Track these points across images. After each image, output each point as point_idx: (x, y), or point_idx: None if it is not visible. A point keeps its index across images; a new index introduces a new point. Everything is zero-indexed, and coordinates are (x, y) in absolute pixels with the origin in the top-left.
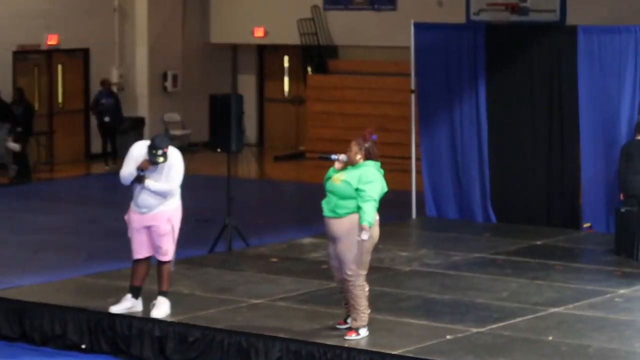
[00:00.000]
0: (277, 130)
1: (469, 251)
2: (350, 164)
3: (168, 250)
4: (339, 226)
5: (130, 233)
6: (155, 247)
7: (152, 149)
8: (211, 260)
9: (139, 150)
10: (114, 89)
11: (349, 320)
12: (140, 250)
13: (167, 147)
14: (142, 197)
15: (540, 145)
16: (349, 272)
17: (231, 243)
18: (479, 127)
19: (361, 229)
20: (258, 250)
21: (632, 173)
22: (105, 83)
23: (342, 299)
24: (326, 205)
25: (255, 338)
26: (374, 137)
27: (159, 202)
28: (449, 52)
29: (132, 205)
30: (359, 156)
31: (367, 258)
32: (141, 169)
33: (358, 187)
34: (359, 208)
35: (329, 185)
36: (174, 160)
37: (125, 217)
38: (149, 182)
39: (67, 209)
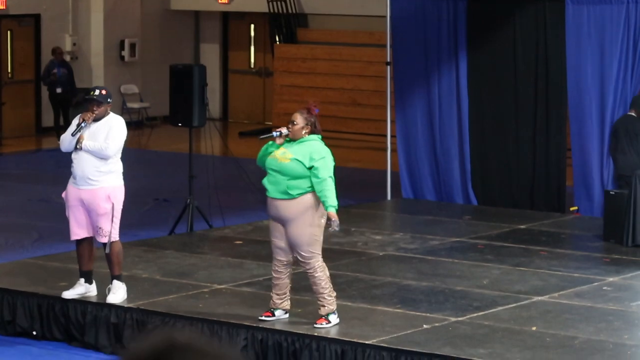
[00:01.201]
0: (242, 104)
1: (447, 235)
2: (292, 138)
3: (109, 232)
4: (292, 208)
5: (68, 212)
6: (95, 228)
7: (90, 92)
8: (171, 242)
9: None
10: (67, 58)
11: (277, 312)
12: (78, 231)
13: (105, 91)
14: (79, 166)
15: (524, 123)
16: (306, 255)
17: (193, 224)
18: (459, 103)
19: (327, 217)
20: (221, 232)
21: (620, 152)
22: (58, 52)
23: (275, 286)
24: (273, 187)
25: (219, 326)
26: (317, 110)
27: (98, 175)
28: (427, 22)
29: (70, 180)
30: (305, 130)
31: (322, 236)
32: (83, 120)
33: (312, 164)
34: (311, 187)
35: (272, 163)
36: (115, 122)
37: (63, 195)
38: (85, 143)
39: (15, 187)
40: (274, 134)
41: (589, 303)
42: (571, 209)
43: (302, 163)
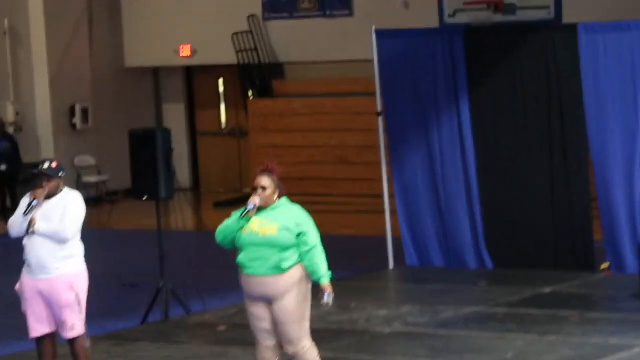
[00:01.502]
0: (214, 170)
1: (461, 305)
2: (262, 206)
3: (75, 325)
4: (283, 283)
5: (24, 305)
6: (59, 322)
7: (39, 165)
8: (144, 332)
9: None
10: (10, 130)
11: None
12: (38, 327)
13: (56, 163)
14: (34, 253)
15: (541, 171)
16: (296, 335)
17: (168, 310)
18: (464, 152)
19: (320, 289)
20: (201, 318)
21: None
22: None
23: None
24: (259, 262)
25: None
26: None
27: (56, 262)
28: (420, 63)
29: (24, 269)
30: (276, 195)
31: (309, 311)
32: (34, 198)
33: (299, 231)
34: (300, 258)
35: (252, 238)
36: (70, 199)
37: (16, 287)
38: (39, 225)
39: None
40: (249, 206)
41: None
42: (602, 266)
43: (291, 230)
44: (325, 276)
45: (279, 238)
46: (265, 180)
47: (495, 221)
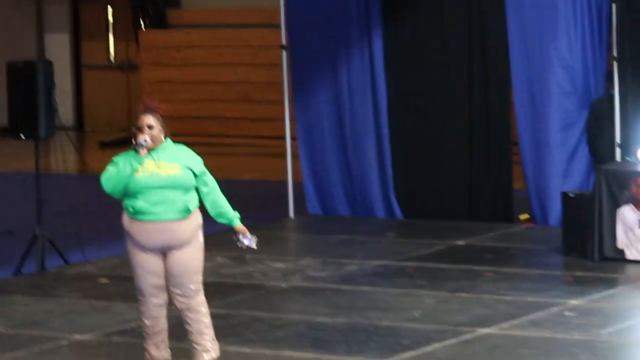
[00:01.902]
0: (101, 108)
1: (367, 258)
2: (151, 147)
3: None
4: (186, 228)
5: None
6: None
7: None
8: (17, 284)
9: None
10: None
11: None
12: None
13: None
14: None
15: (458, 113)
16: (194, 287)
17: (44, 261)
18: (375, 91)
19: (236, 232)
20: (82, 269)
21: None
22: None
23: (152, 335)
24: (165, 206)
25: None
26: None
27: None
28: None
29: None
30: (162, 135)
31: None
32: None
33: (201, 170)
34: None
35: (154, 180)
36: None
37: None
38: None
39: None
40: (142, 142)
41: (548, 333)
42: (521, 217)
43: (192, 170)
44: (236, 217)
45: (184, 178)
46: (150, 119)
47: (406, 166)
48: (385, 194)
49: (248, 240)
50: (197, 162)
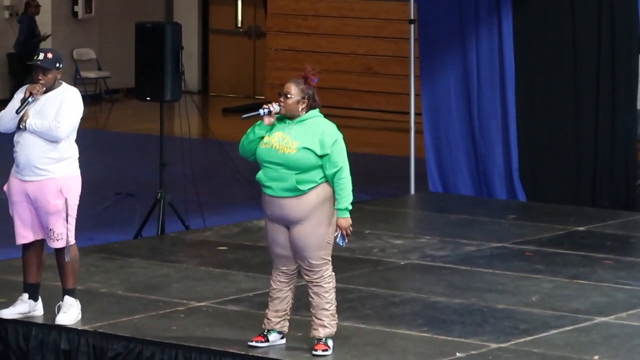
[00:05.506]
0: (226, 73)
1: (486, 239)
2: (286, 116)
3: (62, 234)
4: (303, 206)
5: (12, 209)
6: (45, 230)
7: (34, 56)
8: (137, 248)
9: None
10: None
11: (271, 336)
12: (25, 233)
13: (52, 54)
14: (23, 152)
15: (586, 99)
16: (316, 262)
17: (164, 225)
18: (503, 71)
19: (338, 226)
20: (201, 235)
21: None
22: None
23: (274, 301)
24: (276, 183)
25: (197, 353)
26: (315, 80)
27: (47, 163)
28: None
29: (13, 169)
30: (301, 106)
31: (332, 238)
32: (30, 94)
33: (324, 152)
34: (324, 177)
35: (271, 155)
36: (67, 95)
37: (5, 187)
38: (30, 121)
39: None
40: (261, 112)
41: None
42: None
43: (313, 151)
44: (346, 209)
45: (296, 158)
46: (291, 88)
47: (531, 149)
48: (509, 176)
49: (342, 240)
50: (324, 144)
